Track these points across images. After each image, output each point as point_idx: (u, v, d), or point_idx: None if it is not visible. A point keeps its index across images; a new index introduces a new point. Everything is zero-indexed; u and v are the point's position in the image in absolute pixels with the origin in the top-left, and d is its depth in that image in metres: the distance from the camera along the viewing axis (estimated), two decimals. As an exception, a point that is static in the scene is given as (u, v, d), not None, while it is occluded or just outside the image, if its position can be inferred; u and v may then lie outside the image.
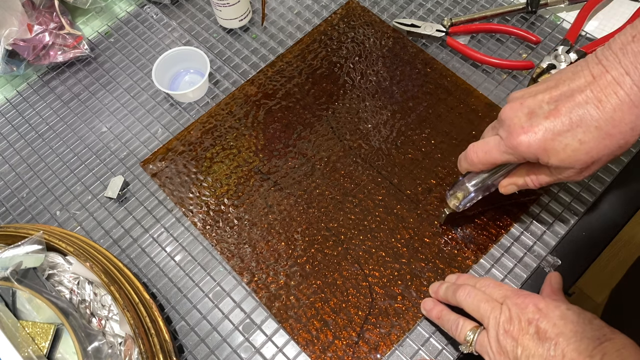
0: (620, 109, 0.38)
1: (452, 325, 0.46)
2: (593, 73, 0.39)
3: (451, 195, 0.49)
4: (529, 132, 0.40)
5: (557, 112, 0.39)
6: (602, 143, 0.39)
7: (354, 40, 0.67)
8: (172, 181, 0.60)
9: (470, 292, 0.45)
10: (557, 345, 0.39)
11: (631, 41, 0.38)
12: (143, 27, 0.71)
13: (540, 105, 0.40)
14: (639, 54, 0.37)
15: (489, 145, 0.43)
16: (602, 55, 0.40)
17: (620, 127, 0.38)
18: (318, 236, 0.55)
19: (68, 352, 0.46)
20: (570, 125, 0.39)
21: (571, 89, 0.40)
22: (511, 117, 0.41)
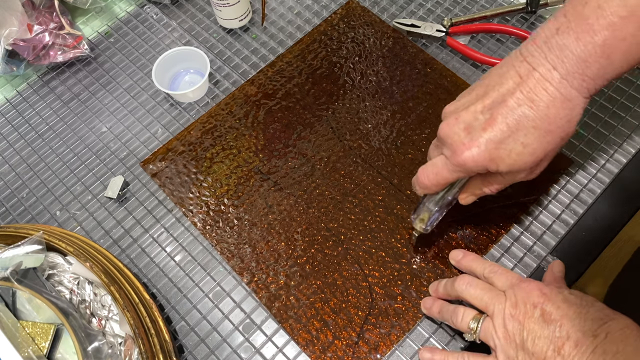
0: (553, 105, 0.38)
1: (454, 315, 0.46)
2: (520, 73, 0.39)
3: (416, 219, 0.49)
4: (471, 147, 0.40)
5: (493, 120, 0.39)
6: (544, 141, 0.39)
7: (354, 40, 0.67)
8: (172, 181, 0.60)
9: (470, 281, 0.45)
10: (562, 327, 0.39)
11: (555, 34, 0.38)
12: (143, 27, 0.71)
13: (476, 116, 0.40)
14: (564, 47, 0.38)
15: (437, 166, 0.43)
16: (527, 51, 0.40)
17: (557, 122, 0.39)
18: (318, 236, 0.55)
19: (68, 352, 0.46)
20: (509, 130, 0.39)
21: (501, 94, 0.39)
22: (450, 135, 0.41)
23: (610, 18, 0.36)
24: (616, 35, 0.37)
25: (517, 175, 0.42)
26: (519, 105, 0.38)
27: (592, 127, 0.59)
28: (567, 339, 0.39)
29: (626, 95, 0.60)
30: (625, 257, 0.75)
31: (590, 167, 0.57)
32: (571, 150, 0.58)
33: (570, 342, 0.39)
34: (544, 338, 0.40)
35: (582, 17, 0.37)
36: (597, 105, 0.60)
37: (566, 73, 0.38)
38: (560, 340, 0.39)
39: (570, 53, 0.37)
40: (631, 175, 0.56)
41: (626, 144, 0.58)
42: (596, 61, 0.37)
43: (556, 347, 0.39)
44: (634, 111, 0.59)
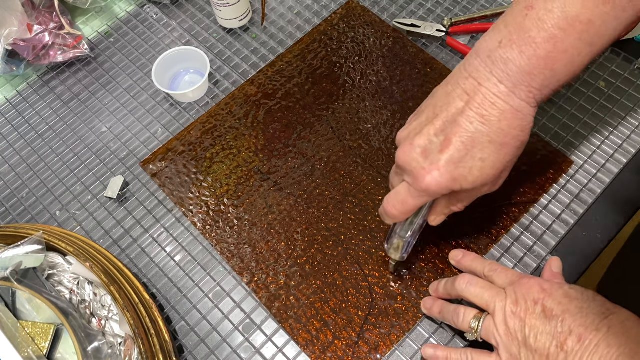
0: (504, 118, 0.38)
1: (454, 315, 0.46)
2: (466, 90, 0.39)
3: (390, 248, 0.49)
4: (432, 172, 0.40)
5: (448, 142, 0.39)
6: (501, 154, 0.39)
7: (354, 40, 0.67)
8: (172, 181, 0.60)
9: (470, 280, 0.45)
10: (564, 322, 0.39)
11: (498, 47, 0.38)
12: (143, 27, 0.71)
13: (430, 140, 0.40)
14: (508, 60, 0.38)
15: (401, 195, 0.43)
16: (471, 66, 0.40)
17: (511, 134, 0.39)
18: (318, 236, 0.55)
19: (68, 352, 0.46)
20: (466, 149, 0.39)
21: (451, 114, 0.40)
22: (409, 161, 0.41)
23: (551, 30, 0.37)
24: (558, 47, 0.37)
25: (482, 190, 0.42)
26: (471, 123, 0.39)
27: (592, 126, 0.59)
28: (569, 334, 0.39)
29: (626, 95, 0.60)
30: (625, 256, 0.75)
31: (590, 167, 0.57)
32: (571, 150, 0.58)
33: (573, 337, 0.39)
34: (546, 334, 0.40)
35: (523, 30, 0.38)
36: (597, 105, 0.60)
37: (513, 86, 0.38)
38: (562, 336, 0.39)
39: (514, 66, 0.38)
40: (631, 175, 0.56)
41: (626, 144, 0.58)
42: (541, 73, 0.38)
43: (559, 343, 0.39)
44: (634, 111, 0.59)
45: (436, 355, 0.46)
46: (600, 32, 0.37)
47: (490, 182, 0.41)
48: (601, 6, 0.36)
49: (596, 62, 0.63)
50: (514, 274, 0.45)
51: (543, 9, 0.37)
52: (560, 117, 0.60)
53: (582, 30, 0.37)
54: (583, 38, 0.37)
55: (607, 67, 0.62)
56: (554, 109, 0.60)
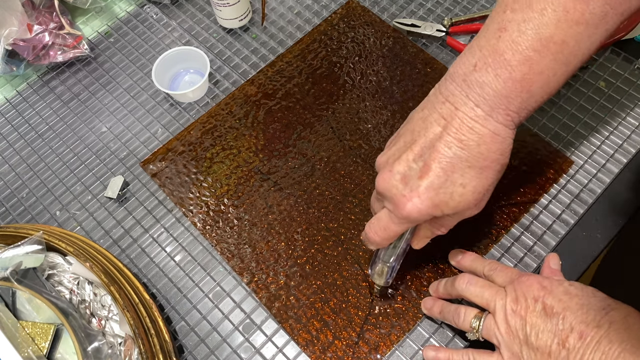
0: (483, 142, 0.38)
1: (455, 315, 0.46)
2: (443, 114, 0.39)
3: (374, 274, 0.48)
4: (412, 199, 0.39)
5: (427, 168, 0.39)
6: (481, 178, 0.39)
7: (354, 40, 0.67)
8: (172, 181, 0.60)
9: (470, 280, 0.45)
10: (564, 319, 0.39)
11: (473, 70, 0.38)
12: (143, 27, 0.71)
13: (409, 166, 0.40)
14: (484, 84, 0.37)
15: (383, 221, 0.42)
16: (447, 90, 0.39)
17: (491, 157, 0.39)
18: (318, 236, 0.55)
19: (68, 353, 0.46)
20: (446, 174, 0.38)
21: (429, 139, 0.39)
22: (389, 188, 0.40)
23: (526, 53, 0.36)
24: (534, 69, 0.37)
25: (464, 213, 0.41)
26: (449, 148, 0.38)
27: (592, 126, 0.59)
28: (570, 332, 0.39)
29: (626, 95, 0.60)
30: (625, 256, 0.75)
31: (590, 167, 0.57)
32: (571, 150, 0.58)
33: (574, 335, 0.39)
34: (547, 332, 0.40)
35: (497, 52, 0.37)
36: (597, 105, 0.60)
37: (490, 110, 0.38)
38: (564, 333, 0.39)
39: (490, 90, 0.37)
40: (631, 175, 0.56)
41: (626, 143, 0.58)
42: (518, 96, 0.37)
43: (560, 340, 0.39)
44: (634, 110, 0.59)
45: (438, 357, 0.46)
46: (575, 52, 0.37)
47: (472, 206, 0.40)
48: (574, 26, 0.36)
49: (596, 62, 0.63)
50: (513, 272, 0.45)
51: (516, 30, 0.37)
52: (560, 117, 0.60)
53: (556, 51, 0.36)
54: (558, 59, 0.37)
55: (607, 67, 0.62)
56: (554, 109, 0.60)
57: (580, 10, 0.35)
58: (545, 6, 0.36)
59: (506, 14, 0.37)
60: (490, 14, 0.39)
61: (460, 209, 0.40)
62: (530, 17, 0.36)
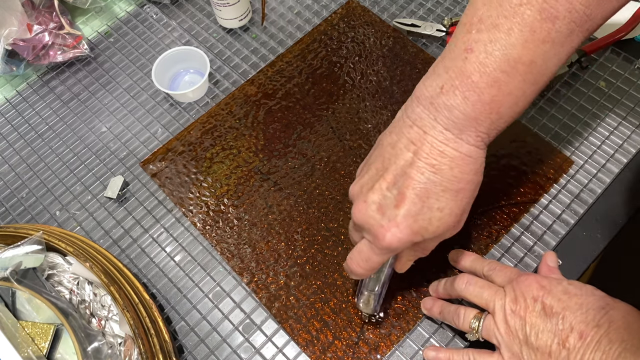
0: (455, 165, 0.38)
1: (455, 316, 0.46)
2: (412, 139, 0.38)
3: (360, 303, 0.48)
4: (391, 228, 0.38)
5: (403, 196, 0.38)
6: (457, 200, 0.39)
7: (354, 40, 0.67)
8: (172, 181, 0.59)
9: (469, 280, 0.45)
10: (564, 319, 0.39)
11: (440, 93, 0.37)
12: (143, 27, 0.71)
13: (384, 195, 0.39)
14: (452, 107, 0.37)
15: (364, 252, 0.42)
16: (414, 114, 0.39)
17: (465, 179, 0.38)
18: (318, 236, 0.55)
19: (68, 353, 0.46)
20: (421, 201, 0.38)
21: (401, 166, 0.38)
22: (366, 219, 0.40)
23: (494, 74, 0.36)
24: (502, 90, 0.36)
25: (444, 235, 0.41)
26: (422, 174, 0.38)
27: (592, 126, 0.59)
28: (570, 331, 0.39)
29: (626, 95, 0.60)
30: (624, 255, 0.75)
31: (590, 167, 0.57)
32: (571, 150, 0.58)
33: (574, 334, 0.38)
34: (547, 332, 0.40)
35: (465, 74, 0.36)
36: (597, 105, 0.60)
37: (459, 132, 0.37)
38: (564, 333, 0.39)
39: (459, 113, 0.37)
40: (632, 174, 0.56)
41: (626, 143, 0.58)
42: (487, 118, 0.37)
43: (560, 340, 0.39)
44: (634, 110, 0.59)
45: (438, 357, 0.46)
46: (542, 71, 0.36)
47: (451, 228, 0.40)
48: (541, 45, 0.35)
49: (596, 62, 0.63)
50: (512, 271, 0.45)
51: (483, 52, 0.36)
52: (560, 117, 0.60)
53: (525, 72, 0.36)
54: (527, 79, 0.36)
55: (608, 67, 0.62)
56: (554, 108, 0.60)
57: (546, 29, 0.35)
58: (511, 26, 0.35)
59: (472, 35, 0.37)
60: (454, 34, 0.39)
61: (440, 232, 0.39)
62: (497, 38, 0.36)
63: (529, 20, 0.35)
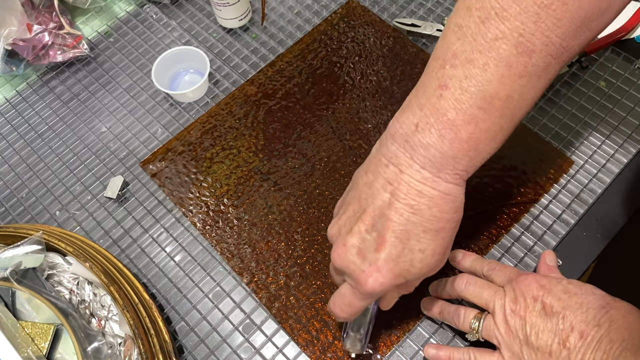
0: (434, 204, 0.36)
1: (455, 316, 0.46)
2: (388, 179, 0.37)
3: (347, 345, 0.47)
4: (373, 273, 0.37)
5: (383, 239, 0.37)
6: (438, 238, 0.37)
7: (354, 40, 0.67)
8: (172, 181, 0.59)
9: (469, 280, 0.45)
10: (564, 319, 0.39)
11: (415, 131, 0.36)
12: (143, 26, 0.71)
13: (363, 238, 0.38)
14: (428, 146, 0.36)
15: (346, 297, 0.41)
16: (389, 152, 0.38)
17: (445, 217, 0.37)
18: (318, 236, 0.55)
19: (68, 353, 0.46)
20: (402, 243, 0.37)
21: (378, 207, 0.37)
22: (346, 264, 0.39)
23: (471, 111, 0.35)
24: (480, 127, 0.35)
25: (428, 274, 0.40)
26: (401, 215, 0.36)
27: (592, 126, 0.59)
28: (571, 331, 0.39)
29: (627, 95, 0.60)
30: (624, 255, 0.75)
31: (591, 167, 0.57)
32: (572, 150, 0.58)
33: (574, 334, 0.38)
34: (548, 331, 0.39)
35: (440, 112, 0.35)
36: (597, 105, 0.60)
37: (437, 171, 0.36)
38: (564, 333, 0.39)
39: (436, 152, 0.36)
40: (632, 174, 0.56)
41: (627, 143, 0.58)
42: (465, 155, 0.36)
43: (561, 340, 0.39)
44: (635, 110, 0.59)
45: (438, 355, 0.46)
46: (520, 105, 0.36)
47: (434, 267, 0.39)
48: (518, 80, 0.34)
49: (596, 62, 0.63)
50: (512, 271, 0.45)
51: (459, 88, 0.35)
52: (560, 117, 0.60)
53: (502, 107, 0.35)
54: (504, 114, 0.35)
55: (608, 67, 0.62)
56: (554, 109, 0.60)
57: (523, 63, 0.34)
58: (487, 61, 0.34)
59: (446, 70, 0.35)
60: (427, 68, 0.37)
61: (424, 273, 0.39)
62: (472, 74, 0.34)
63: (505, 55, 0.34)
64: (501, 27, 0.34)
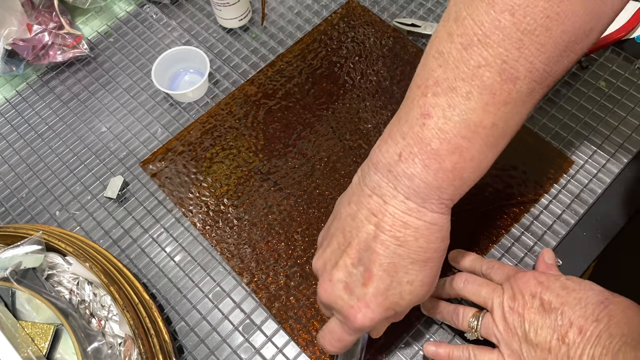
0: (420, 235, 0.36)
1: (454, 315, 0.46)
2: (372, 210, 0.36)
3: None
4: (362, 309, 0.37)
5: (370, 273, 0.36)
6: (426, 269, 0.37)
7: (354, 40, 0.67)
8: (172, 181, 0.59)
9: (467, 278, 0.45)
10: (563, 315, 0.39)
11: (398, 161, 0.35)
12: (143, 26, 0.71)
13: (349, 272, 0.37)
14: (412, 176, 0.35)
15: (336, 332, 0.40)
16: (372, 181, 0.37)
17: (432, 247, 0.37)
18: (318, 236, 0.55)
19: (67, 353, 0.46)
20: (390, 276, 0.36)
21: (364, 240, 0.37)
22: (334, 300, 0.38)
23: (455, 140, 0.34)
24: (464, 156, 0.35)
25: (417, 303, 0.40)
26: (387, 248, 0.36)
27: (592, 126, 0.59)
28: (570, 327, 0.38)
29: (627, 95, 0.60)
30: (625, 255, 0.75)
31: (591, 167, 0.57)
32: (572, 150, 0.58)
33: (573, 330, 0.38)
34: (546, 327, 0.39)
35: (423, 142, 0.35)
36: (597, 105, 0.60)
37: (422, 201, 0.35)
38: (563, 329, 0.39)
39: (421, 182, 0.35)
40: (632, 174, 0.56)
41: (627, 143, 0.58)
42: (450, 185, 0.35)
43: (560, 336, 0.39)
44: (635, 110, 0.59)
45: (437, 352, 0.46)
46: (504, 132, 0.35)
47: (423, 297, 0.39)
48: (502, 107, 0.34)
49: (596, 62, 0.63)
50: (510, 269, 0.45)
51: (442, 117, 0.34)
52: (560, 117, 0.60)
53: (486, 135, 0.34)
54: (489, 142, 0.35)
55: (608, 67, 0.62)
56: (554, 108, 0.60)
57: (507, 90, 0.33)
58: (470, 89, 0.33)
59: (428, 98, 0.35)
60: (408, 96, 0.37)
61: (413, 303, 0.38)
62: (455, 103, 0.34)
63: (489, 82, 0.33)
64: (484, 54, 0.33)
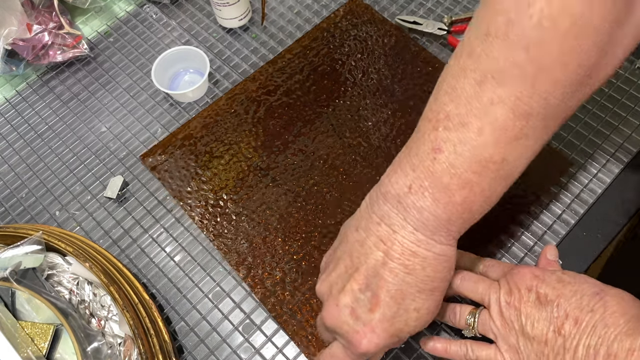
0: (428, 265, 0.36)
1: (451, 314, 0.46)
2: (381, 238, 0.37)
3: None
4: (367, 334, 0.37)
5: (377, 299, 0.37)
6: (432, 298, 0.38)
7: (356, 38, 0.67)
8: (171, 175, 0.59)
9: (464, 275, 0.45)
10: (559, 306, 0.39)
11: (408, 192, 0.36)
12: (142, 26, 0.71)
13: (356, 297, 0.37)
14: (422, 209, 0.35)
15: (337, 357, 0.40)
16: (381, 210, 0.37)
17: (439, 277, 0.37)
18: (315, 233, 0.55)
19: (67, 353, 0.46)
20: (397, 303, 0.37)
21: (372, 266, 0.37)
22: (339, 325, 0.38)
23: (466, 175, 0.34)
24: (474, 190, 0.35)
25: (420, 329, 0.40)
26: (395, 275, 0.36)
27: (592, 126, 0.59)
28: (566, 318, 0.38)
29: (627, 95, 0.60)
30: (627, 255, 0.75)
31: (591, 167, 0.57)
32: (572, 150, 0.58)
33: (569, 321, 0.38)
34: (543, 320, 0.39)
35: (434, 176, 0.35)
36: (597, 105, 0.60)
37: (431, 234, 0.36)
38: (559, 320, 0.39)
39: (430, 215, 0.35)
40: (632, 174, 0.56)
41: (627, 143, 0.57)
42: (459, 218, 0.36)
43: (556, 328, 0.39)
44: (635, 110, 0.59)
45: (435, 347, 0.46)
46: (515, 166, 0.36)
47: (427, 323, 0.39)
48: (514, 142, 0.34)
49: (597, 61, 0.62)
50: (506, 265, 0.45)
51: (453, 152, 0.34)
52: (560, 117, 0.59)
53: (496, 169, 0.35)
54: (499, 176, 0.35)
55: (608, 66, 0.62)
56: (555, 108, 0.60)
57: (519, 127, 0.33)
58: (482, 126, 0.33)
59: (439, 132, 0.35)
60: (419, 128, 0.37)
61: (418, 329, 0.39)
62: (467, 138, 0.34)
63: (501, 119, 0.33)
64: (498, 91, 0.33)
